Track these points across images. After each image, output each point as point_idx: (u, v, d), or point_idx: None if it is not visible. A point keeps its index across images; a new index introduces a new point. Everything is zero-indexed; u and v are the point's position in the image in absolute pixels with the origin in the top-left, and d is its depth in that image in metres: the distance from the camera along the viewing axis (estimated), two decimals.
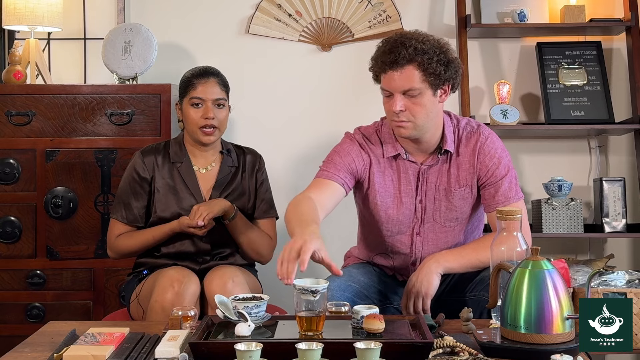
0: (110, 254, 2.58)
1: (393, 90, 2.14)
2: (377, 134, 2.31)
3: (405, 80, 2.12)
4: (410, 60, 2.10)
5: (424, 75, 2.11)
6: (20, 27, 3.10)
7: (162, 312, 2.21)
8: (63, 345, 1.73)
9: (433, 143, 2.24)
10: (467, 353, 1.67)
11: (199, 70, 2.54)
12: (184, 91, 2.52)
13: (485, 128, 2.30)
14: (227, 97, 2.54)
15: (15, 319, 2.91)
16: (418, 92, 2.12)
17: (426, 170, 2.26)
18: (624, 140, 3.31)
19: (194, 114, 2.48)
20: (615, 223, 3.11)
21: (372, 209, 2.30)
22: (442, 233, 2.30)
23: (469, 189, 2.26)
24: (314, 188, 2.22)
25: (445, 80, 2.15)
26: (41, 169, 2.91)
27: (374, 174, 2.28)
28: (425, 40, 2.13)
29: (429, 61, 2.10)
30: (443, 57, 2.13)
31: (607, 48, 3.30)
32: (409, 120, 2.15)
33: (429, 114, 2.16)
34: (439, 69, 2.12)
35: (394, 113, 2.15)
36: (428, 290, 2.10)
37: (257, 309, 1.82)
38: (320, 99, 3.30)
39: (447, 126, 2.26)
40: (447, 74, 2.14)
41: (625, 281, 2.18)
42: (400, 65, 2.11)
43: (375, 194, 2.28)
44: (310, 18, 3.28)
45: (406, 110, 2.14)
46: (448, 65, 2.14)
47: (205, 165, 2.57)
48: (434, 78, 2.12)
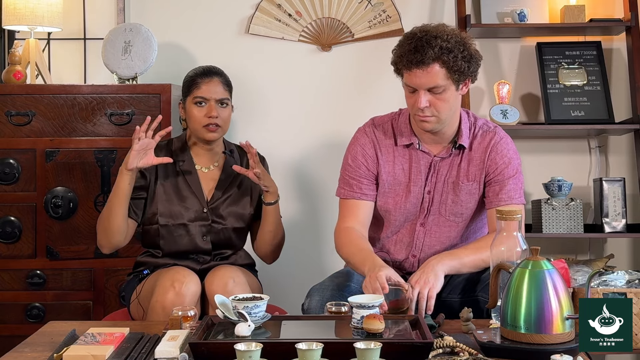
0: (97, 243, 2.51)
1: (418, 87, 2.17)
2: (391, 123, 2.35)
3: (430, 78, 2.15)
4: (436, 59, 2.13)
5: (448, 72, 2.15)
6: (20, 27, 3.10)
7: (163, 312, 2.21)
8: (63, 345, 1.73)
9: (449, 135, 2.29)
10: (467, 353, 1.67)
11: (203, 69, 2.54)
12: (187, 90, 2.53)
13: (501, 130, 2.35)
14: (230, 96, 2.55)
15: (15, 319, 2.91)
16: (442, 89, 2.16)
17: (438, 162, 2.30)
18: (624, 140, 3.31)
19: (197, 112, 2.49)
20: (615, 223, 3.11)
21: (380, 196, 2.33)
22: (446, 227, 2.31)
23: (477, 185, 2.29)
24: (348, 216, 2.33)
25: (469, 75, 2.20)
26: (41, 169, 2.91)
27: (382, 165, 2.32)
28: (449, 38, 2.15)
29: (454, 59, 2.14)
30: (466, 53, 2.17)
31: (607, 48, 3.30)
32: (433, 115, 2.19)
33: (452, 108, 2.22)
34: (464, 65, 2.16)
35: (418, 108, 2.18)
36: (435, 284, 2.06)
37: (257, 309, 1.82)
38: (320, 99, 3.30)
39: (464, 122, 2.30)
40: (471, 69, 2.19)
41: (625, 281, 2.18)
42: (426, 64, 2.13)
43: (384, 182, 2.32)
44: (310, 18, 3.27)
45: (431, 106, 2.18)
46: (471, 60, 2.18)
47: (208, 165, 2.57)
48: (458, 75, 2.16)
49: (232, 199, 2.54)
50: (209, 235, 2.50)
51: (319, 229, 3.28)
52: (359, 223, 2.31)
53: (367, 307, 1.79)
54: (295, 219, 3.25)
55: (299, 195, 3.30)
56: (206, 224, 2.50)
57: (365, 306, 1.80)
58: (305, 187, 3.29)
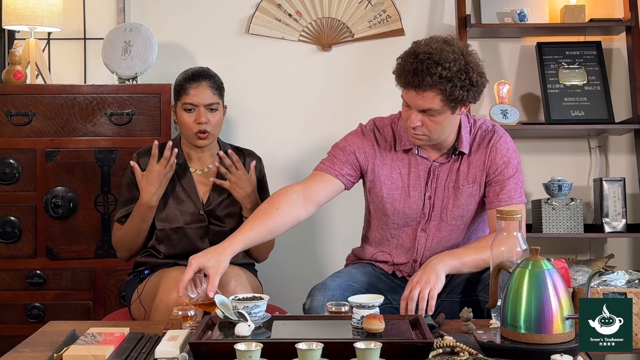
0: (118, 254, 2.62)
1: (412, 106, 2.14)
2: (391, 126, 2.34)
3: (425, 102, 2.11)
4: (433, 86, 2.08)
5: (444, 100, 2.11)
6: (20, 27, 3.09)
7: (167, 312, 2.20)
8: (63, 345, 1.73)
9: (448, 144, 2.27)
10: (467, 353, 1.67)
11: (191, 73, 2.53)
12: (177, 95, 2.53)
13: (500, 128, 2.33)
14: (220, 99, 2.54)
15: (15, 319, 2.91)
16: (437, 112, 2.13)
17: (437, 167, 2.29)
18: (624, 140, 3.31)
19: (187, 118, 2.49)
20: (615, 223, 3.11)
21: (379, 200, 2.32)
22: (447, 231, 2.31)
23: (477, 186, 2.28)
24: (308, 180, 2.31)
25: (467, 102, 2.16)
26: (41, 169, 2.91)
27: (379, 166, 2.30)
28: (451, 66, 2.07)
29: (452, 89, 2.08)
30: (467, 82, 2.10)
31: (607, 48, 3.30)
32: (424, 134, 2.18)
33: (445, 129, 2.19)
34: (462, 94, 2.10)
35: (409, 126, 2.16)
36: (436, 284, 2.05)
37: (257, 309, 1.82)
38: (320, 99, 3.30)
39: (464, 127, 2.28)
40: (470, 97, 2.14)
41: (625, 281, 2.18)
42: (422, 89, 2.09)
43: (382, 186, 2.31)
44: (310, 18, 3.27)
45: (423, 125, 2.15)
46: (471, 89, 2.12)
47: (202, 167, 2.57)
48: (454, 103, 2.12)
49: (228, 200, 2.53)
50: (207, 237, 2.50)
51: (319, 229, 3.28)
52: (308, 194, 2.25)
53: (367, 307, 1.79)
54: None
55: None
56: (203, 226, 2.51)
57: (365, 306, 1.79)
58: None
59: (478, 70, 2.14)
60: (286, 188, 2.28)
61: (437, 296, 2.07)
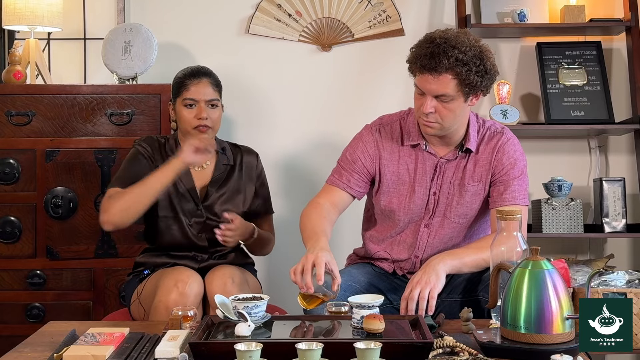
0: (104, 222, 2.36)
1: (427, 92, 2.16)
2: (399, 123, 2.36)
3: (440, 86, 2.14)
4: (449, 69, 2.11)
5: (459, 84, 2.14)
6: (20, 27, 3.10)
7: (167, 312, 2.21)
8: (63, 345, 1.73)
9: (456, 139, 2.29)
10: (467, 353, 1.67)
11: (192, 70, 2.54)
12: (176, 92, 2.53)
13: (509, 131, 2.35)
14: (220, 97, 2.55)
15: (15, 319, 2.91)
16: (450, 99, 2.16)
17: (444, 164, 2.30)
18: (624, 140, 3.31)
19: (187, 114, 2.49)
20: (615, 223, 3.11)
21: (384, 196, 2.33)
22: (449, 229, 2.32)
23: (482, 185, 2.29)
24: (324, 196, 2.37)
25: (480, 89, 2.18)
26: (41, 169, 2.91)
27: (385, 165, 2.32)
28: (467, 50, 2.12)
29: (468, 72, 2.12)
30: (482, 68, 2.14)
31: (607, 48, 3.30)
32: (437, 121, 2.19)
33: (457, 117, 2.21)
34: (476, 80, 2.14)
35: (423, 112, 2.18)
36: (436, 284, 2.05)
37: (257, 309, 1.82)
38: (320, 99, 3.30)
39: (472, 125, 2.30)
40: (483, 84, 2.17)
41: (625, 281, 2.18)
42: (438, 72, 2.12)
43: (388, 182, 2.33)
44: (310, 18, 3.27)
45: (436, 112, 2.17)
46: (485, 75, 2.16)
47: (200, 163, 2.57)
48: (469, 88, 2.15)
49: (226, 197, 2.54)
50: (204, 233, 2.50)
51: None
52: (332, 204, 2.33)
53: (367, 307, 1.79)
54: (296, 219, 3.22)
55: (299, 196, 3.29)
56: (201, 221, 2.51)
57: (365, 306, 1.79)
58: (305, 187, 3.29)
59: (491, 60, 2.19)
60: (312, 203, 2.33)
61: (437, 296, 2.07)
